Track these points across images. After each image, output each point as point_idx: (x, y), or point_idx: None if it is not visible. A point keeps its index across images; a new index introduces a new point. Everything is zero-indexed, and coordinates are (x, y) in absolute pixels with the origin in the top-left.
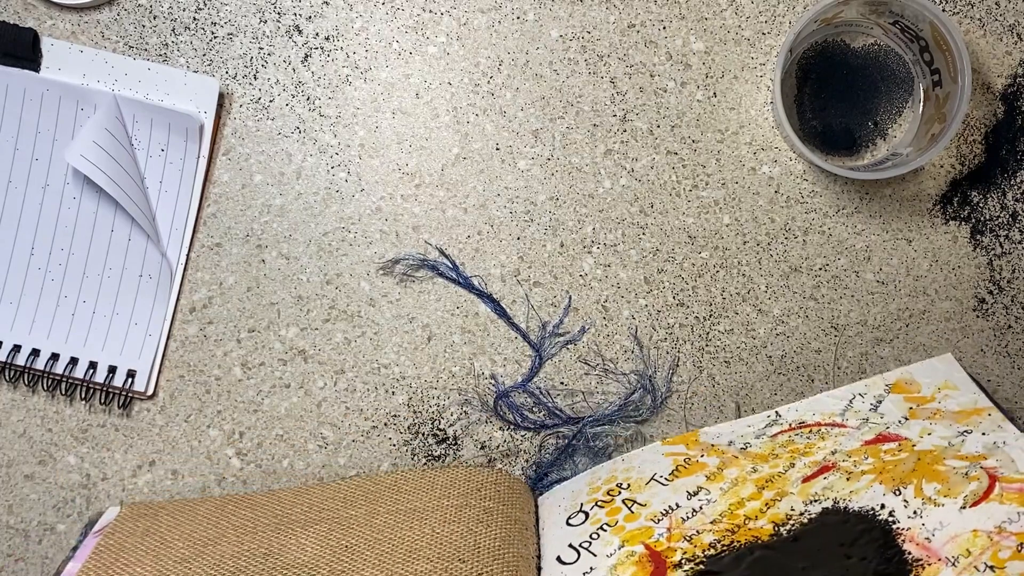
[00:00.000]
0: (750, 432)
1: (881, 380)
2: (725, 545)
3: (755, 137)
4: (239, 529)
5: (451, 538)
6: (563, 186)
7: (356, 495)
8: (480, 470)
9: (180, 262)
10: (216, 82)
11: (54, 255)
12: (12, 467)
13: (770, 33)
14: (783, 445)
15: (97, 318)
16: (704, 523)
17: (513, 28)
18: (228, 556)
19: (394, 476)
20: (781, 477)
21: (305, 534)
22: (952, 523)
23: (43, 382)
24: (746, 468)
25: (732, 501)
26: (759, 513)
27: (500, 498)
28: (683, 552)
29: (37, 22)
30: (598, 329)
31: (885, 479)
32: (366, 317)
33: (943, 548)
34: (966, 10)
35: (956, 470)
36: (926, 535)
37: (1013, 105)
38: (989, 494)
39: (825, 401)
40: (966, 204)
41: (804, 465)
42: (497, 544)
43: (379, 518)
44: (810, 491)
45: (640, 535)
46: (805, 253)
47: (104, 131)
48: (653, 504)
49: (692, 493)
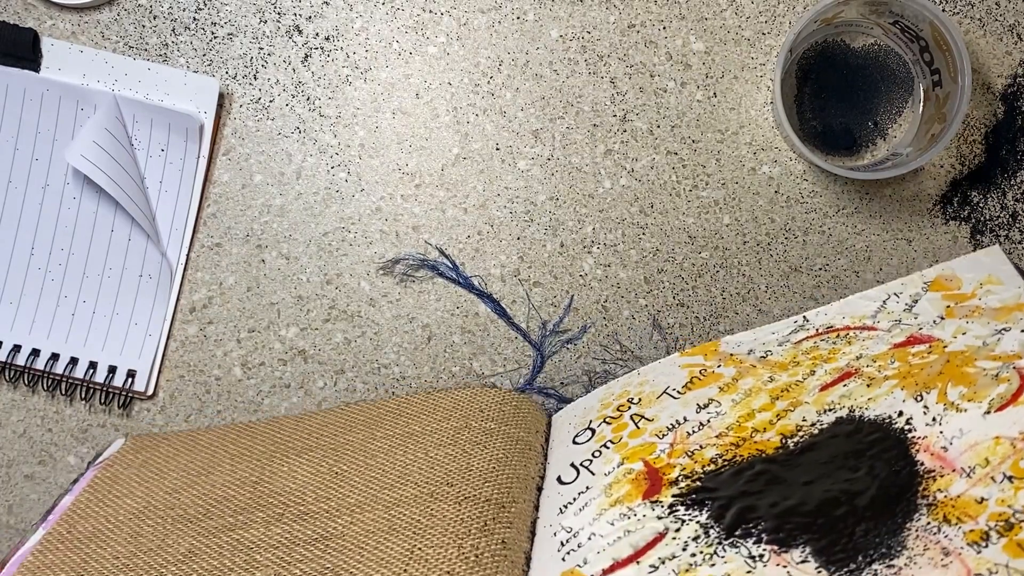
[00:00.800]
0: (773, 339)
1: (920, 278)
2: (727, 460)
3: (755, 137)
4: (234, 457)
5: (443, 461)
6: (563, 186)
7: (356, 420)
8: (486, 391)
9: (180, 262)
10: (216, 82)
11: (54, 255)
12: (12, 467)
13: (770, 33)
14: (806, 352)
15: (97, 318)
16: (709, 437)
17: (513, 28)
18: (218, 485)
19: (397, 401)
20: (798, 386)
21: (299, 461)
22: (973, 430)
23: (43, 382)
24: (763, 377)
25: (742, 413)
26: (768, 425)
27: (503, 419)
28: (681, 469)
29: (37, 22)
30: (598, 329)
31: (908, 384)
32: (366, 317)
33: (959, 458)
34: (966, 10)
35: (986, 371)
36: (943, 444)
37: (1013, 105)
38: (1018, 396)
39: (857, 303)
40: (966, 204)
41: (825, 372)
42: (491, 466)
43: (375, 443)
44: (826, 400)
45: (641, 451)
46: (805, 253)
47: (104, 131)
48: (660, 419)
49: (702, 406)
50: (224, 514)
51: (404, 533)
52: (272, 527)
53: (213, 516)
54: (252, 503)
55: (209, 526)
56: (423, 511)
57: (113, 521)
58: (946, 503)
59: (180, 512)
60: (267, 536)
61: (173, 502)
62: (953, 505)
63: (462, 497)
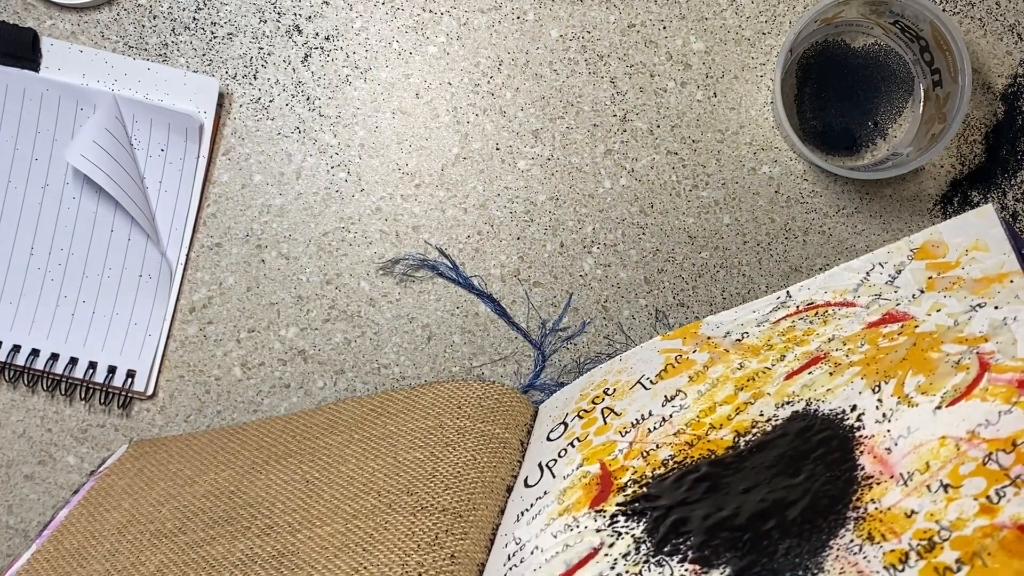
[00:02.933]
0: (752, 319)
1: (907, 244)
2: (677, 462)
3: (755, 137)
4: (219, 465)
5: (410, 467)
6: (563, 186)
7: (340, 421)
8: (468, 384)
9: (180, 262)
10: (216, 82)
11: (54, 255)
12: (12, 467)
13: (770, 33)
14: (782, 333)
15: (97, 318)
16: (667, 435)
17: (513, 28)
18: (199, 495)
19: (381, 398)
20: (765, 373)
21: (276, 469)
22: (921, 428)
23: (43, 382)
24: (732, 364)
25: (704, 407)
26: (725, 420)
27: (481, 416)
28: (632, 472)
29: (37, 22)
30: (598, 329)
31: (869, 372)
32: (366, 317)
33: (900, 462)
34: (966, 10)
35: (948, 357)
36: (888, 444)
37: (1013, 105)
38: (973, 388)
39: (841, 275)
40: (966, 204)
41: (794, 357)
42: (456, 471)
43: (352, 447)
44: (788, 390)
45: (601, 451)
46: (805, 253)
47: (104, 131)
48: (628, 413)
49: (669, 398)
50: (197, 528)
51: (355, 550)
52: (237, 543)
53: (187, 531)
54: (225, 515)
55: (180, 542)
56: (378, 524)
57: (97, 537)
58: (875, 516)
59: (158, 527)
60: (230, 553)
61: (154, 516)
62: (881, 520)
63: (419, 508)
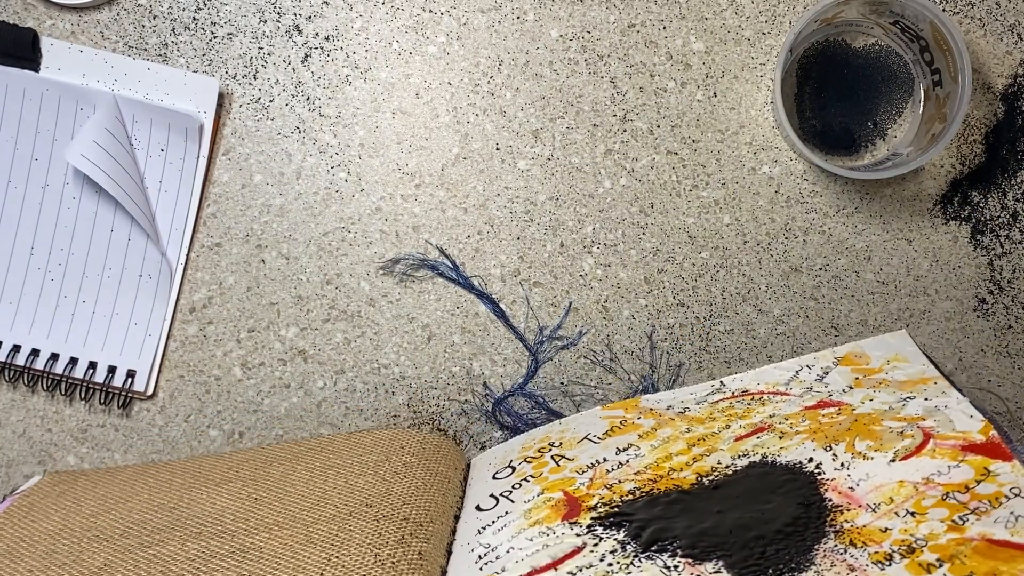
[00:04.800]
0: (691, 399)
1: (831, 353)
2: (644, 492)
3: (755, 137)
4: (152, 488)
5: (363, 487)
6: (563, 186)
7: (277, 456)
8: (407, 432)
9: (180, 262)
10: (216, 82)
11: (54, 255)
12: (12, 467)
13: (770, 33)
14: (722, 411)
15: (97, 318)
16: (628, 474)
17: (513, 28)
18: (136, 510)
19: (318, 440)
20: (714, 436)
21: (218, 491)
22: (879, 474)
23: (43, 382)
24: (680, 428)
25: (660, 455)
26: (684, 466)
27: (423, 454)
28: (600, 498)
29: (37, 22)
30: (598, 329)
31: (818, 437)
32: (366, 317)
33: (866, 496)
34: (966, 10)
35: (892, 429)
36: (850, 485)
37: (1013, 105)
38: (922, 449)
39: (771, 372)
40: (966, 204)
41: (740, 427)
42: (410, 491)
43: (295, 475)
44: (740, 448)
45: (561, 484)
46: (805, 253)
47: (104, 131)
48: (580, 459)
49: (622, 449)
50: (142, 534)
51: (322, 545)
52: (189, 543)
53: (130, 535)
54: (170, 524)
55: (125, 544)
56: (341, 527)
57: (28, 541)
58: (852, 530)
59: (97, 532)
60: (183, 551)
61: (90, 524)
62: (859, 532)
63: (380, 516)
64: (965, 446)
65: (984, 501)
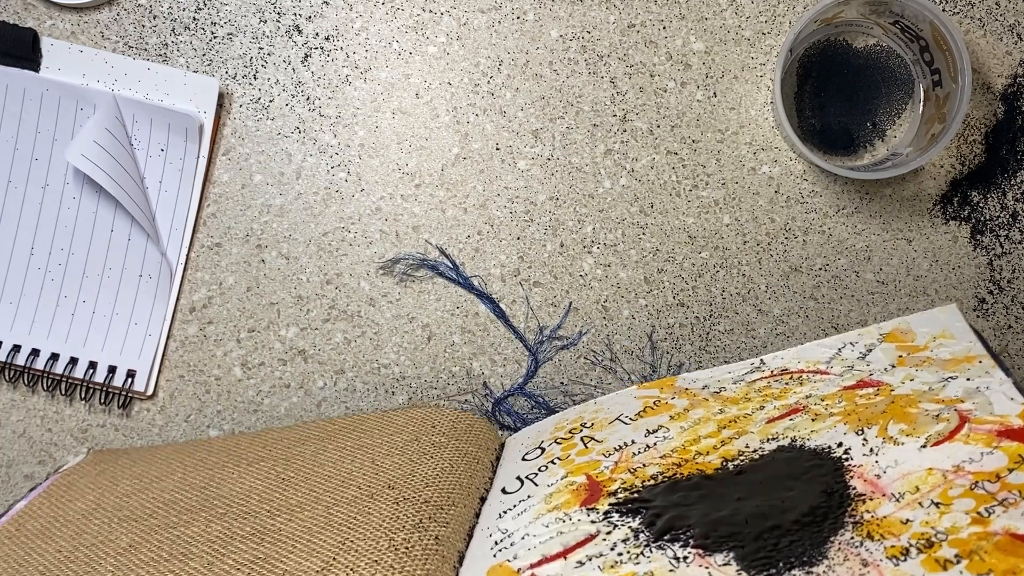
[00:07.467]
0: (728, 378)
1: (876, 329)
2: (667, 477)
3: (755, 137)
4: (187, 468)
5: (388, 468)
6: (563, 186)
7: (310, 435)
8: (439, 410)
9: (180, 262)
10: (216, 82)
11: (54, 255)
12: (12, 467)
13: (770, 33)
14: (759, 390)
15: (97, 318)
16: (653, 457)
17: (513, 28)
18: (168, 490)
19: (352, 418)
20: (746, 418)
21: (248, 470)
22: (908, 461)
23: (43, 382)
24: (713, 409)
25: (688, 438)
26: (711, 449)
27: (453, 434)
28: (622, 483)
29: (37, 22)
30: (598, 329)
31: (851, 420)
32: (366, 317)
33: (891, 484)
34: (966, 10)
35: (928, 412)
36: (877, 472)
37: (1013, 105)
38: (955, 434)
39: (813, 349)
40: (966, 204)
41: (773, 408)
42: (435, 473)
43: (326, 454)
44: (771, 431)
45: (586, 467)
46: (805, 253)
47: (104, 131)
48: (609, 441)
49: (651, 431)
50: (169, 514)
51: (339, 528)
52: (213, 524)
53: (158, 515)
54: (198, 505)
55: (152, 524)
56: (361, 509)
57: (61, 520)
58: (872, 522)
59: (127, 512)
60: (206, 532)
61: (122, 504)
62: (878, 524)
63: (401, 498)
64: (1001, 431)
65: (1014, 492)
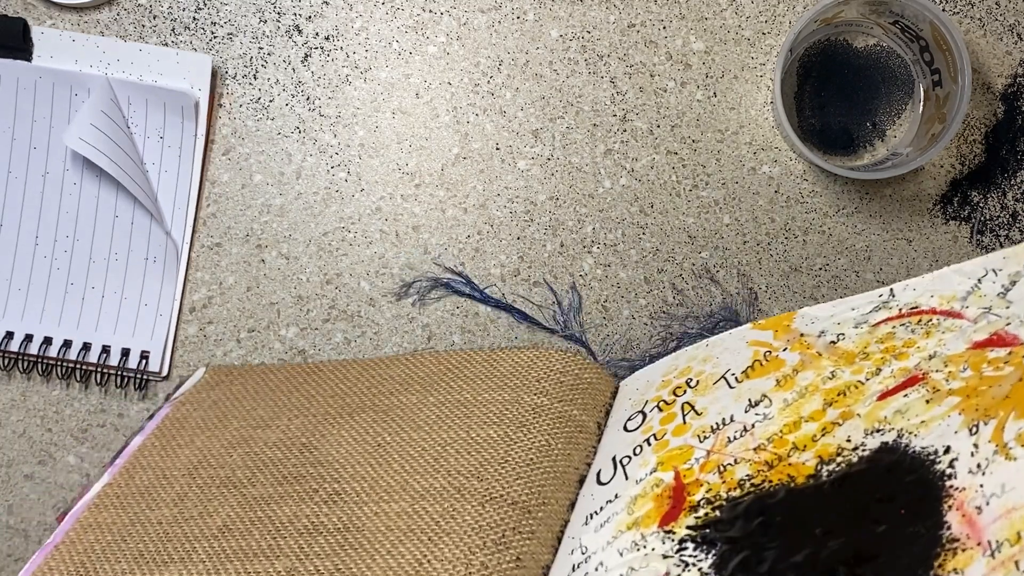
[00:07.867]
0: (851, 317)
1: None
2: (754, 484)
3: (755, 137)
4: (293, 410)
5: (482, 446)
6: (563, 186)
7: (415, 377)
8: (549, 354)
9: (185, 241)
10: (208, 58)
11: (59, 242)
12: (12, 467)
13: (770, 33)
14: (880, 340)
15: (106, 302)
16: (747, 448)
17: (513, 28)
18: (271, 444)
19: (460, 356)
20: (858, 388)
21: (349, 425)
22: (1017, 488)
23: (57, 370)
24: (824, 372)
25: (789, 420)
26: (810, 442)
27: (558, 394)
28: (707, 489)
29: (37, 21)
30: (598, 329)
31: (968, 407)
32: (366, 317)
33: (990, 527)
34: (966, 10)
35: None
36: (979, 503)
37: (1013, 105)
38: None
39: (950, 278)
40: (966, 204)
41: (890, 373)
42: (529, 457)
43: (425, 410)
44: (879, 414)
45: (677, 457)
46: (805, 253)
47: (101, 113)
48: (709, 413)
49: (752, 404)
50: (266, 483)
51: (420, 537)
52: (304, 506)
53: (256, 483)
54: (294, 473)
55: (249, 495)
56: (445, 510)
57: (167, 477)
58: None
59: (228, 474)
60: (296, 518)
61: (225, 460)
62: None
63: (488, 497)
64: None
65: None
